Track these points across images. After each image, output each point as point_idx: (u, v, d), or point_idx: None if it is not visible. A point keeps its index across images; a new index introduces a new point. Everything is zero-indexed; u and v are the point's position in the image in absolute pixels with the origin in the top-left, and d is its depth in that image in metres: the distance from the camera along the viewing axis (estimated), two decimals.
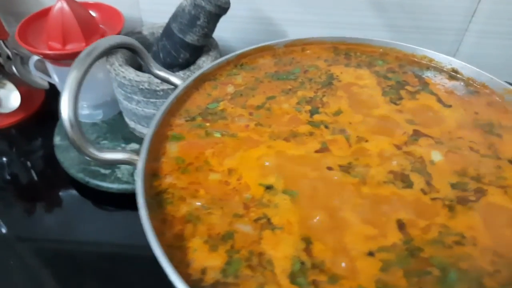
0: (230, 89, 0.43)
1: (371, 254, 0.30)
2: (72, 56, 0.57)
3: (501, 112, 0.42)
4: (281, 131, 0.38)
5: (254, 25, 0.81)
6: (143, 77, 0.54)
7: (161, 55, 0.69)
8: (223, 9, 0.63)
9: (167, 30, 0.66)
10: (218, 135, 0.38)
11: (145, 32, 0.73)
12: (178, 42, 0.66)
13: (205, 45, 0.67)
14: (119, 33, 0.69)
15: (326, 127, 0.39)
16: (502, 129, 0.40)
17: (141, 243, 0.28)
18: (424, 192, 0.34)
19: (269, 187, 0.34)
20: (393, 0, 0.71)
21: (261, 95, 0.42)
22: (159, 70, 0.42)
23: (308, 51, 0.49)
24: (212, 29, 0.67)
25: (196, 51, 0.64)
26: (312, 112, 0.40)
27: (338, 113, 0.40)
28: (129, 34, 0.73)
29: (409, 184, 0.34)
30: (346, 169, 0.35)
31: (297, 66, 0.46)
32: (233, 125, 0.39)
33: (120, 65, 0.57)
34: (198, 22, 0.63)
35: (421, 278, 0.29)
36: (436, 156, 0.37)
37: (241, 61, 0.46)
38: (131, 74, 0.56)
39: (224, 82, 0.44)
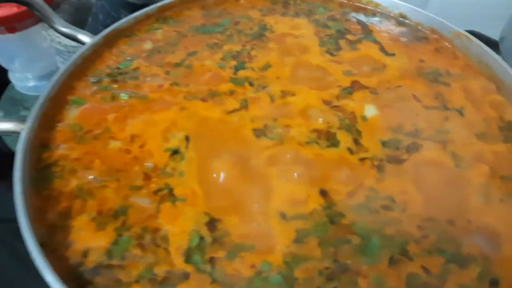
0: (148, 45, 0.38)
1: (284, 222, 0.27)
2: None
3: (450, 59, 0.38)
4: (198, 90, 0.34)
5: None
6: None
7: (100, 16, 0.63)
8: None
9: None
10: (125, 97, 0.33)
11: None
12: (116, 1, 0.61)
13: (148, 3, 0.61)
14: None
15: (251, 84, 0.35)
16: (450, 77, 0.36)
17: None
18: (351, 151, 0.30)
19: (175, 152, 0.29)
20: None
21: (182, 51, 0.37)
22: (64, 27, 0.37)
23: (242, 1, 0.43)
24: None
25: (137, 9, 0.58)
26: (237, 68, 0.36)
27: (266, 67, 0.36)
28: None
29: (334, 143, 0.30)
30: (263, 131, 0.31)
31: (227, 18, 0.41)
32: (144, 86, 0.34)
33: None
34: None
35: (338, 247, 0.26)
36: (370, 111, 0.33)
37: (164, 14, 0.41)
38: (67, 39, 0.50)
39: (142, 38, 0.39)
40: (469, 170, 0.29)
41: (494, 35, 0.55)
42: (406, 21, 0.41)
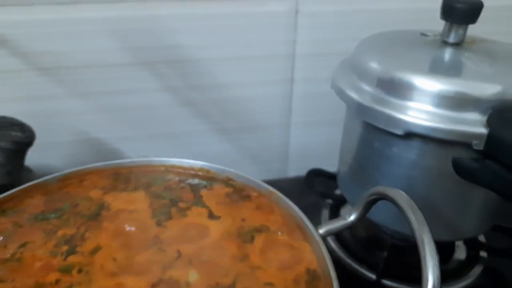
0: None
1: None
2: None
3: (268, 214, 0.43)
4: (24, 284, 0.35)
5: (84, 147, 0.80)
6: None
7: None
8: (24, 144, 0.61)
9: None
10: None
11: None
12: None
13: (16, 182, 0.63)
14: None
15: (80, 271, 0.36)
16: (263, 233, 0.41)
17: None
18: None
19: None
20: (218, 107, 0.76)
21: (16, 243, 0.39)
22: None
23: (85, 182, 0.47)
24: (18, 165, 0.64)
25: (5, 190, 0.60)
26: (68, 253, 0.38)
27: (95, 250, 0.38)
28: None
29: None
30: None
31: (68, 201, 0.44)
32: None
33: None
34: None
35: None
36: (193, 276, 0.36)
37: (3, 206, 0.43)
38: None
39: None
40: None
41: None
42: (233, 183, 0.47)
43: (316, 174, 0.71)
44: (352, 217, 0.39)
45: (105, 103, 0.74)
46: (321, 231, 0.39)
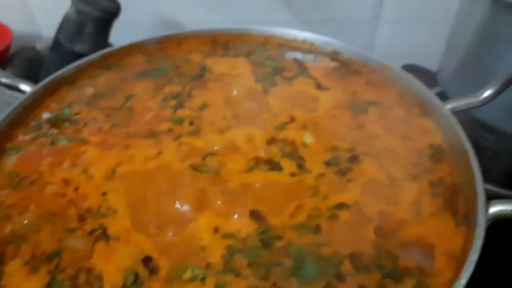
0: (90, 91, 0.39)
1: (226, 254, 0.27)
2: None
3: (381, 89, 0.40)
4: (138, 130, 0.35)
5: (161, 30, 0.77)
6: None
7: (52, 69, 0.65)
8: (111, 14, 0.59)
9: (55, 42, 0.62)
10: (64, 142, 0.34)
11: (40, 46, 0.69)
12: (68, 53, 0.62)
13: None
14: (6, 48, 0.65)
15: (191, 123, 0.36)
16: (380, 106, 0.38)
17: None
18: (293, 175, 0.31)
19: (106, 193, 0.30)
20: None
21: (123, 95, 0.38)
22: (5, 78, 0.38)
23: (184, 46, 0.45)
24: (104, 36, 0.63)
25: None
26: (177, 108, 0.37)
27: (203, 107, 0.37)
28: (21, 50, 0.68)
29: (276, 168, 0.31)
30: (198, 166, 0.32)
31: (169, 62, 0.43)
32: (85, 130, 0.35)
33: None
34: (86, 30, 0.59)
35: (270, 270, 0.26)
36: (308, 138, 0.34)
37: (106, 62, 0.42)
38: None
39: (84, 84, 0.40)
40: (400, 189, 0.31)
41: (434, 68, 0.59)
42: (340, 57, 0.44)
43: (410, 70, 0.65)
44: (485, 94, 0.35)
45: None
46: (448, 106, 0.35)
